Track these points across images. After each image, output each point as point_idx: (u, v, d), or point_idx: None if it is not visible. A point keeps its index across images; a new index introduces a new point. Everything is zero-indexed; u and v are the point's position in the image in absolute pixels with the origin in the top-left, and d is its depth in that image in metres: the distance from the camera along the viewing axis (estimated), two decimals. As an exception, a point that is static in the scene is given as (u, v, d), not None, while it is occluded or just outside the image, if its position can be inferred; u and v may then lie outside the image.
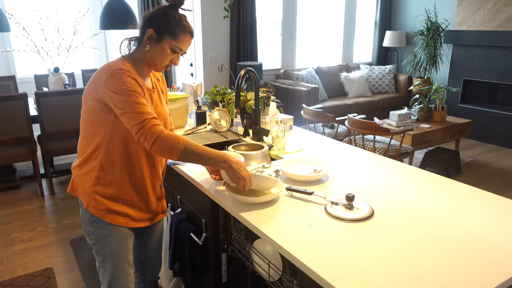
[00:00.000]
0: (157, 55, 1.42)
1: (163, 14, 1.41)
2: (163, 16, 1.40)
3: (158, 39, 1.40)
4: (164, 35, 1.40)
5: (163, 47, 1.41)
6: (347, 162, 1.89)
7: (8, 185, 3.79)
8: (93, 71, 4.74)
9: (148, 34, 1.40)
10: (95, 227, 1.48)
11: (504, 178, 4.16)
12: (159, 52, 1.42)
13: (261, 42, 5.77)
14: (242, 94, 2.43)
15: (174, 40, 1.41)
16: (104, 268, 1.53)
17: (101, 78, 1.35)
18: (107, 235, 1.48)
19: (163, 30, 1.40)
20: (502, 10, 4.97)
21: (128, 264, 1.56)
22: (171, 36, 1.40)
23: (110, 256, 1.51)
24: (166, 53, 1.43)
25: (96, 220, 1.47)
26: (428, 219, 1.32)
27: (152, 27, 1.40)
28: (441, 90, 4.26)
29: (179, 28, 1.41)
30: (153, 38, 1.40)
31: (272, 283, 1.43)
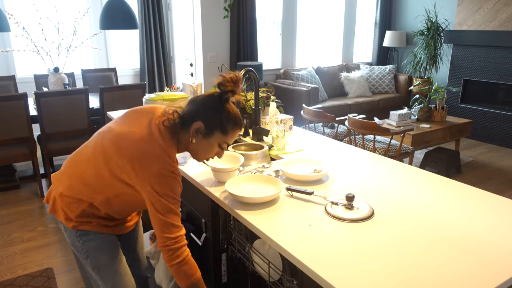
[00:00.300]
0: (204, 149, 1.34)
1: (216, 107, 1.29)
2: (215, 110, 1.29)
3: (207, 133, 1.30)
4: (214, 131, 1.30)
5: (211, 142, 1.32)
6: (347, 162, 1.89)
7: (8, 185, 3.79)
8: (93, 71, 4.74)
9: (196, 127, 1.28)
10: (84, 241, 1.42)
11: (504, 178, 4.16)
12: (206, 147, 1.33)
13: (261, 42, 5.77)
14: (242, 94, 2.43)
15: (224, 135, 1.32)
16: (103, 280, 1.49)
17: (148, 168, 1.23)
18: (98, 245, 1.44)
19: (214, 125, 1.30)
20: (502, 10, 4.97)
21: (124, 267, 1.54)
22: (221, 132, 1.31)
23: (106, 265, 1.47)
24: (213, 148, 1.34)
25: (83, 233, 1.41)
26: (428, 219, 1.32)
27: (202, 120, 1.29)
28: (441, 90, 4.26)
29: (231, 123, 1.31)
30: (202, 132, 1.30)
31: (272, 283, 1.43)
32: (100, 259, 1.46)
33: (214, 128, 1.30)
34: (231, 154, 1.78)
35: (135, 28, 3.93)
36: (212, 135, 1.31)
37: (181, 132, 1.32)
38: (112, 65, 5.33)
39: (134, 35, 5.41)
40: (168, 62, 5.44)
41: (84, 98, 3.60)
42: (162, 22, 5.22)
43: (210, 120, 1.29)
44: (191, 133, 1.30)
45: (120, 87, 3.78)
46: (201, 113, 1.29)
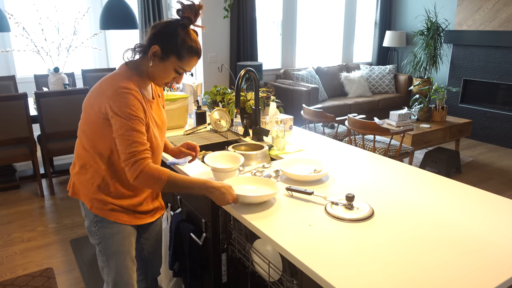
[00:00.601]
0: (160, 72, 1.40)
1: (172, 32, 1.35)
2: (171, 34, 1.35)
3: (163, 57, 1.36)
4: (170, 55, 1.36)
5: (167, 66, 1.38)
6: (347, 162, 1.89)
7: (8, 185, 3.79)
8: (93, 71, 4.74)
9: (153, 50, 1.35)
10: (99, 227, 1.49)
11: (504, 178, 4.16)
12: (162, 70, 1.39)
13: (261, 42, 5.77)
14: (242, 94, 2.43)
15: (179, 61, 1.37)
16: (109, 267, 1.54)
17: (105, 93, 1.33)
18: (112, 234, 1.49)
19: (169, 49, 1.35)
20: (502, 10, 4.97)
21: (132, 262, 1.57)
22: (176, 57, 1.36)
23: (115, 255, 1.52)
24: (169, 72, 1.40)
25: (100, 219, 1.48)
26: (428, 219, 1.32)
27: (158, 44, 1.35)
28: (441, 90, 4.26)
29: (186, 49, 1.36)
30: (158, 55, 1.36)
31: (272, 283, 1.43)
32: (111, 248, 1.51)
33: (170, 52, 1.35)
34: (231, 154, 1.78)
35: (135, 28, 3.93)
36: (167, 59, 1.36)
37: (142, 61, 1.41)
38: (112, 65, 5.32)
39: (134, 35, 5.41)
40: (168, 62, 5.43)
41: (84, 98, 3.60)
42: (162, 22, 5.21)
43: (166, 45, 1.35)
44: (149, 57, 1.36)
45: (120, 87, 3.78)
46: (159, 37, 1.36)
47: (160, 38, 1.36)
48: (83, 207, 1.51)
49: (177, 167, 1.84)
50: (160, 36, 1.36)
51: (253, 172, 1.73)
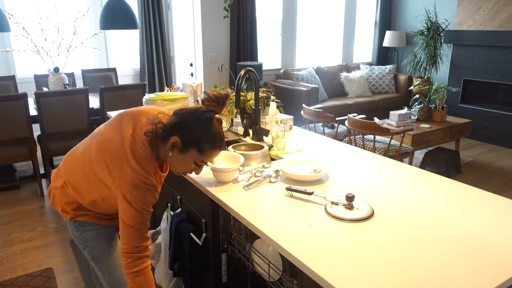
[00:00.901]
0: (178, 164, 1.31)
1: (194, 124, 1.26)
2: (193, 126, 1.25)
3: (183, 149, 1.27)
4: (190, 148, 1.27)
5: (186, 159, 1.29)
6: (347, 162, 1.89)
7: (8, 185, 3.79)
8: (93, 71, 4.75)
9: (172, 141, 1.25)
10: (82, 231, 1.46)
11: (504, 178, 4.16)
12: (181, 162, 1.30)
13: (261, 42, 5.77)
14: (242, 94, 2.43)
15: (200, 154, 1.28)
16: (101, 271, 1.52)
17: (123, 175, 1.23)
18: (96, 235, 1.48)
19: (190, 142, 1.26)
20: (502, 10, 4.97)
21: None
22: (197, 150, 1.27)
23: (103, 256, 1.50)
24: (189, 165, 1.31)
25: (81, 223, 1.46)
26: (428, 219, 1.32)
27: (179, 135, 1.25)
28: (441, 90, 4.26)
29: (209, 143, 1.27)
30: (178, 147, 1.27)
31: (272, 283, 1.43)
32: (97, 250, 1.49)
33: (190, 145, 1.26)
34: (231, 154, 1.78)
35: (135, 28, 3.93)
36: (187, 152, 1.27)
37: (161, 143, 1.29)
38: (112, 65, 5.33)
39: (134, 35, 5.41)
40: (168, 62, 5.44)
41: (84, 98, 3.60)
42: (162, 22, 5.22)
43: (188, 137, 1.26)
44: (168, 147, 1.27)
45: (120, 87, 3.78)
46: (180, 127, 1.26)
47: (181, 129, 1.26)
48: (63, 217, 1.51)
49: None
50: (181, 127, 1.26)
51: (253, 172, 1.73)
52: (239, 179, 1.68)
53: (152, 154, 1.28)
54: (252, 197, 1.51)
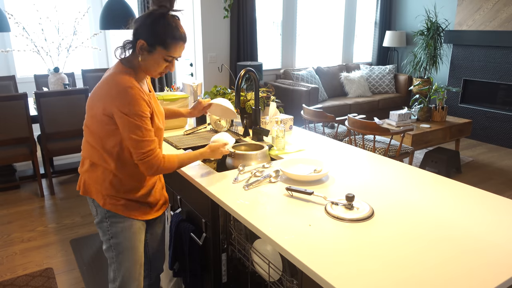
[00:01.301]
0: (151, 64, 1.41)
1: (152, 23, 1.36)
2: (152, 25, 1.36)
3: (150, 49, 1.38)
4: (155, 46, 1.37)
5: (156, 58, 1.39)
6: (347, 162, 1.89)
7: (8, 185, 3.79)
8: (93, 71, 4.74)
9: (139, 44, 1.37)
10: (111, 222, 1.51)
11: (504, 178, 4.16)
12: (152, 62, 1.40)
13: (261, 42, 5.77)
14: (242, 94, 2.43)
15: (166, 50, 1.38)
16: (119, 263, 1.55)
17: (109, 93, 1.35)
18: (123, 229, 1.52)
19: (154, 41, 1.36)
20: (502, 10, 4.97)
21: (141, 257, 1.60)
22: (162, 47, 1.37)
23: (126, 250, 1.54)
24: (160, 63, 1.41)
25: (113, 215, 1.50)
26: (428, 219, 1.32)
27: (143, 38, 1.36)
28: (441, 90, 4.26)
29: (170, 37, 1.37)
30: (145, 49, 1.38)
31: (272, 283, 1.43)
32: (122, 243, 1.53)
33: (155, 43, 1.36)
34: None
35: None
36: (154, 51, 1.37)
37: (133, 56, 1.42)
38: (112, 65, 5.32)
39: (134, 35, 5.40)
40: (168, 62, 5.43)
41: (84, 98, 3.60)
42: (162, 22, 5.21)
43: (150, 36, 1.35)
44: (137, 52, 1.38)
45: (120, 87, 3.78)
46: (141, 30, 1.37)
47: (142, 32, 1.37)
48: (94, 204, 1.52)
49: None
50: (142, 30, 1.37)
51: (253, 172, 1.73)
52: (239, 179, 1.68)
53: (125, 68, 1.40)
54: (252, 197, 1.51)
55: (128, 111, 1.33)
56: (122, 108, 1.33)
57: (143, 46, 1.37)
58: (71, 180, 4.04)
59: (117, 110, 1.33)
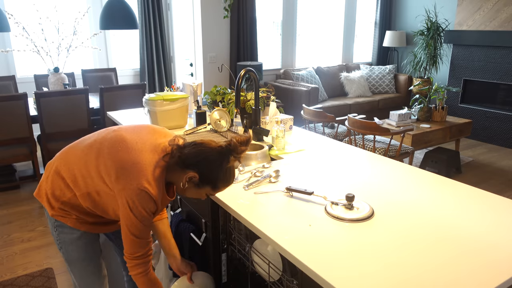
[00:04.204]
0: (190, 195, 1.36)
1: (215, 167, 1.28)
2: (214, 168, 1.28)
3: (199, 185, 1.30)
4: (206, 185, 1.30)
5: (200, 193, 1.34)
6: (347, 162, 1.89)
7: (8, 185, 3.79)
8: (93, 71, 4.75)
9: (190, 175, 1.27)
10: (59, 232, 1.44)
11: (504, 178, 4.16)
12: (194, 194, 1.35)
13: (261, 42, 5.77)
14: (242, 94, 2.43)
15: (213, 190, 1.33)
16: (73, 273, 1.51)
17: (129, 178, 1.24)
18: (72, 240, 1.45)
19: (207, 181, 1.29)
20: (502, 10, 4.97)
21: (98, 268, 1.54)
22: (212, 188, 1.32)
23: (77, 261, 1.48)
24: (200, 196, 1.36)
25: (60, 225, 1.42)
26: (428, 219, 1.32)
27: (197, 171, 1.27)
28: (441, 90, 4.26)
29: (224, 182, 1.32)
30: (194, 182, 1.30)
31: (272, 283, 1.43)
32: (71, 254, 1.47)
33: (207, 183, 1.30)
34: None
35: (135, 28, 3.93)
36: (202, 188, 1.31)
37: (175, 168, 1.30)
38: (112, 65, 5.33)
39: (134, 35, 5.41)
40: (168, 62, 5.44)
41: (84, 98, 3.60)
42: (162, 22, 5.22)
43: (206, 175, 1.28)
44: (184, 179, 1.28)
45: (120, 87, 3.78)
46: (200, 164, 1.27)
47: (201, 166, 1.28)
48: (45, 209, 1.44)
49: None
50: (202, 164, 1.28)
51: (253, 172, 1.73)
52: (239, 179, 1.68)
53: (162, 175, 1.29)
54: (252, 197, 1.51)
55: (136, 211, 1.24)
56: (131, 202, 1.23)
57: (194, 179, 1.28)
58: (71, 180, 4.04)
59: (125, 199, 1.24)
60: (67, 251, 1.47)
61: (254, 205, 1.43)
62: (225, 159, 1.28)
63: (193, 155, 1.27)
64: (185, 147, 1.30)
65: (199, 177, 1.28)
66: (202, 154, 1.27)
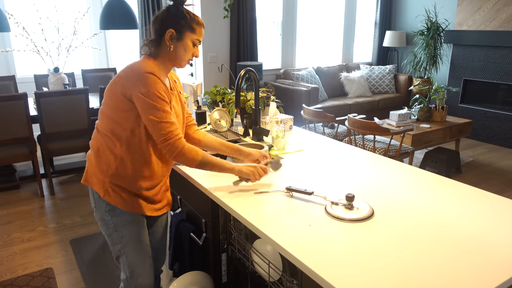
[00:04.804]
0: (181, 51, 1.49)
1: (177, 13, 1.46)
2: (177, 15, 1.46)
3: (180, 36, 1.47)
4: (184, 32, 1.47)
5: (186, 43, 1.48)
6: (347, 162, 1.89)
7: (8, 185, 3.79)
8: (93, 71, 4.75)
9: (169, 34, 1.46)
10: (112, 215, 1.51)
11: (504, 178, 4.16)
12: (183, 49, 1.49)
13: (261, 42, 5.77)
14: (242, 94, 2.43)
15: (194, 33, 1.49)
16: (126, 255, 1.55)
17: (130, 77, 1.40)
18: (126, 222, 1.52)
19: (182, 27, 1.46)
20: (502, 10, 4.97)
21: (148, 250, 1.60)
22: (190, 31, 1.48)
23: (131, 242, 1.54)
24: (189, 48, 1.50)
25: (112, 208, 1.50)
26: (428, 219, 1.32)
27: (171, 27, 1.46)
28: (441, 90, 4.26)
29: (194, 22, 1.48)
30: (175, 37, 1.46)
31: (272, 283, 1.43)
32: (127, 236, 1.54)
33: (184, 29, 1.46)
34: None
35: (135, 28, 3.93)
36: (183, 37, 1.47)
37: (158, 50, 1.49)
38: (112, 65, 5.32)
39: (134, 35, 5.41)
40: (168, 62, 5.43)
41: (84, 98, 3.60)
42: (162, 22, 5.21)
43: (178, 24, 1.46)
44: (167, 42, 1.46)
45: (120, 87, 3.78)
46: (167, 23, 1.46)
47: (169, 22, 1.46)
48: (94, 196, 1.53)
49: (177, 167, 1.84)
50: (167, 21, 1.46)
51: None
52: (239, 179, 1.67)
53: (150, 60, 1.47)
54: (252, 197, 1.51)
55: (146, 91, 1.37)
56: (140, 89, 1.37)
57: (173, 35, 1.46)
58: (71, 180, 4.04)
59: (136, 91, 1.38)
60: (123, 233, 1.53)
61: (254, 205, 1.44)
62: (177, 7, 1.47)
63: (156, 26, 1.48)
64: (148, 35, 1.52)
65: (174, 30, 1.45)
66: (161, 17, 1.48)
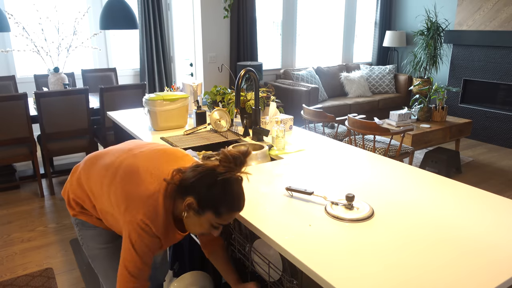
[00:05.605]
0: (194, 226, 1.22)
1: (209, 186, 1.15)
2: (208, 188, 1.15)
3: (199, 211, 1.18)
4: (206, 211, 1.17)
5: (202, 222, 1.20)
6: (347, 162, 1.89)
7: (8, 185, 3.79)
8: (93, 71, 4.75)
9: (187, 202, 1.17)
10: (80, 229, 1.48)
11: (504, 178, 4.16)
12: (197, 225, 1.22)
13: (261, 42, 5.77)
14: (242, 94, 2.43)
15: (217, 218, 1.18)
16: (97, 269, 1.53)
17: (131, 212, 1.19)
18: (94, 235, 1.47)
19: (205, 205, 1.16)
20: (502, 10, 4.97)
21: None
22: (214, 214, 1.17)
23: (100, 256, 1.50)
24: (205, 228, 1.22)
25: (81, 222, 1.46)
26: (428, 219, 1.32)
27: (193, 196, 1.16)
28: (441, 90, 4.26)
29: (226, 206, 1.17)
30: (194, 209, 1.18)
31: (272, 283, 1.43)
32: (94, 250, 1.49)
33: (206, 208, 1.17)
34: None
35: (135, 28, 3.93)
36: (203, 214, 1.18)
37: (177, 197, 1.23)
38: (112, 65, 5.33)
39: (134, 35, 5.41)
40: (168, 62, 5.44)
41: (84, 98, 3.60)
42: (162, 22, 5.22)
43: (203, 199, 1.16)
44: (184, 207, 1.19)
45: (120, 87, 3.78)
46: (196, 187, 1.16)
47: (196, 190, 1.16)
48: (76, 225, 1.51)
49: None
50: (197, 186, 1.16)
51: (253, 172, 1.73)
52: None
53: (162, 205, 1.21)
54: (252, 197, 1.51)
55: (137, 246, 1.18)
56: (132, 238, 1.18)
57: (192, 205, 1.17)
58: (71, 180, 4.04)
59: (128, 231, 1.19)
60: (90, 247, 1.49)
61: (254, 205, 1.44)
62: (221, 178, 1.15)
63: (190, 177, 1.17)
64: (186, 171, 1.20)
65: (196, 202, 1.16)
66: (197, 173, 1.17)
